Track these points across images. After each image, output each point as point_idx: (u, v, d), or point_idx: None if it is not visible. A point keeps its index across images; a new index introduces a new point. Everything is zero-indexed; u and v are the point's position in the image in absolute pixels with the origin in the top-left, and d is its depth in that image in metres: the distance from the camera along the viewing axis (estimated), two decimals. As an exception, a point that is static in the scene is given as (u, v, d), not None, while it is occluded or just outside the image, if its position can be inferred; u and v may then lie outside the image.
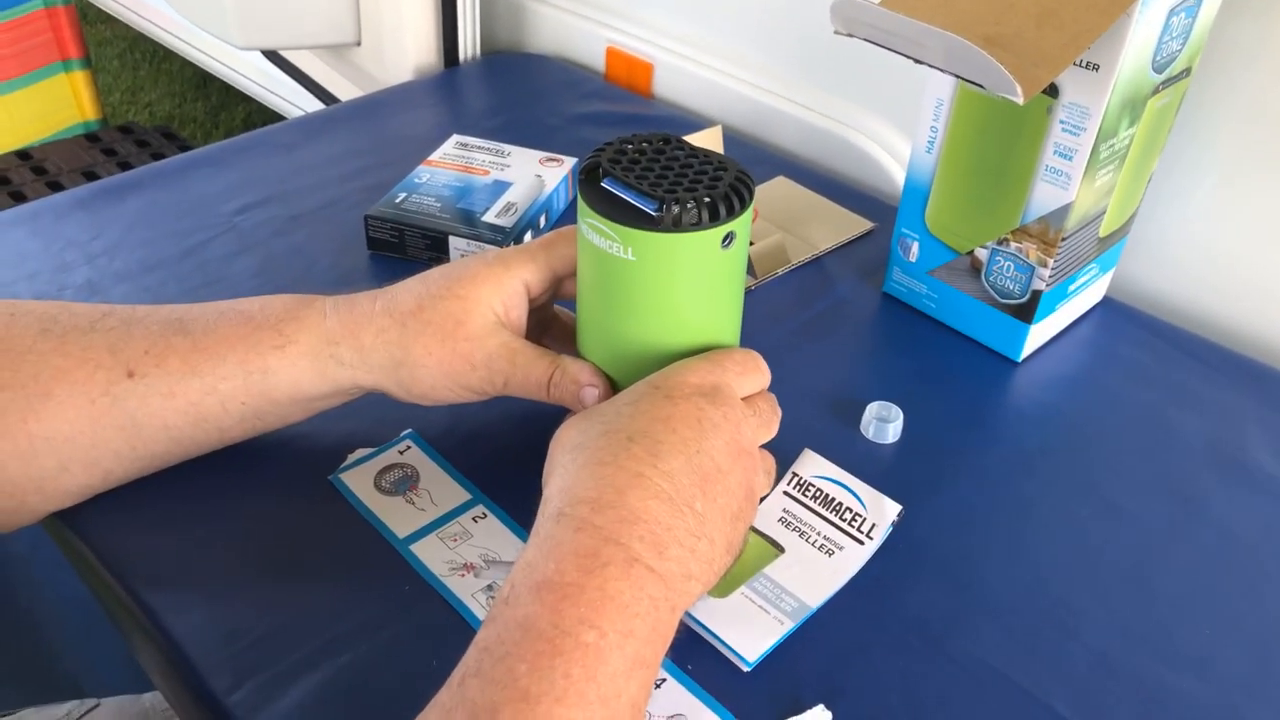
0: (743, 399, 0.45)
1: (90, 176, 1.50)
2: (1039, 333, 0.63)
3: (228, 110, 2.12)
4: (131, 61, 2.31)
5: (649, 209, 0.44)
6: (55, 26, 1.67)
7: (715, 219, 0.44)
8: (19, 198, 1.44)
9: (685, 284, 0.46)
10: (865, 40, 0.50)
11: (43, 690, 0.77)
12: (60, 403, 0.46)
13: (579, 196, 0.46)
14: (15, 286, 0.66)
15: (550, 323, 0.55)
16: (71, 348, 0.47)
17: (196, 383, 0.47)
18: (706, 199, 0.44)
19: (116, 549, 0.49)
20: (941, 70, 0.48)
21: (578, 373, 0.48)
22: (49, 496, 0.48)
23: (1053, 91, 0.54)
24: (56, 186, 1.47)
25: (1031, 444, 0.59)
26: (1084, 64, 0.52)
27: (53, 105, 1.72)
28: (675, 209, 0.44)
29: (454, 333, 0.47)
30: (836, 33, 0.51)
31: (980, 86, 0.48)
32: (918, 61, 0.49)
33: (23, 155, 1.55)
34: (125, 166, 1.53)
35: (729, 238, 0.45)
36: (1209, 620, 0.49)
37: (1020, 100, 0.45)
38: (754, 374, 0.46)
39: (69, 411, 0.46)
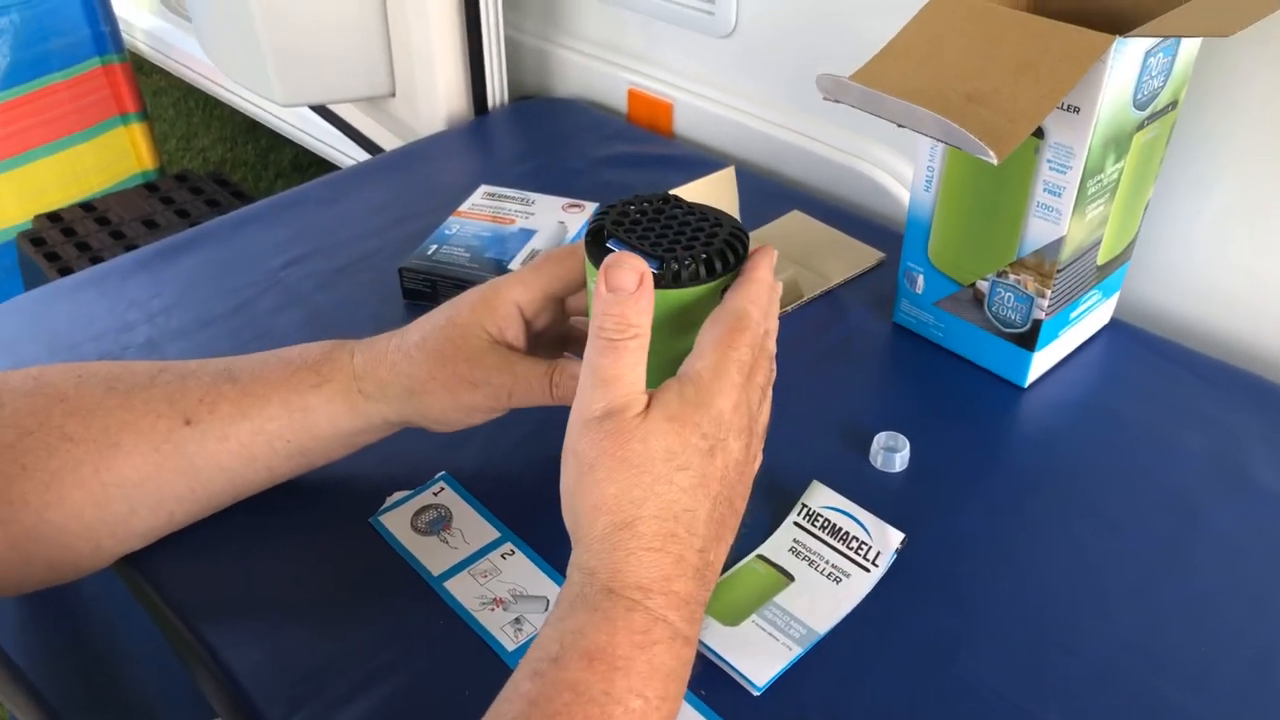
0: (752, 377, 0.46)
1: (150, 224, 1.58)
2: (1043, 359, 0.65)
3: (276, 152, 2.21)
4: (185, 109, 2.41)
5: (651, 267, 0.48)
6: (113, 83, 1.76)
7: (712, 273, 0.48)
8: (84, 248, 1.52)
9: (687, 335, 0.49)
10: (852, 106, 0.53)
11: (114, 718, 0.82)
12: (128, 452, 0.51)
13: (585, 258, 0.50)
14: (84, 347, 0.71)
15: (568, 336, 0.58)
16: (135, 402, 0.52)
17: (246, 425, 0.52)
18: (703, 255, 0.48)
19: (179, 590, 0.54)
20: (922, 134, 0.51)
21: (578, 368, 0.49)
22: (120, 539, 0.53)
23: (1039, 133, 0.57)
24: (118, 235, 1.55)
25: (1036, 467, 0.61)
26: (1065, 107, 0.55)
27: (113, 157, 1.81)
28: (675, 266, 0.47)
29: (453, 356, 0.52)
30: (825, 99, 0.54)
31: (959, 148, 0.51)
32: (901, 125, 0.52)
33: (86, 207, 1.64)
34: (182, 214, 1.61)
35: (726, 290, 0.48)
36: (1209, 636, 0.51)
37: (995, 161, 0.48)
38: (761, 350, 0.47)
39: (135, 459, 0.51)
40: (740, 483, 0.46)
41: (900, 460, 0.60)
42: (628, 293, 0.42)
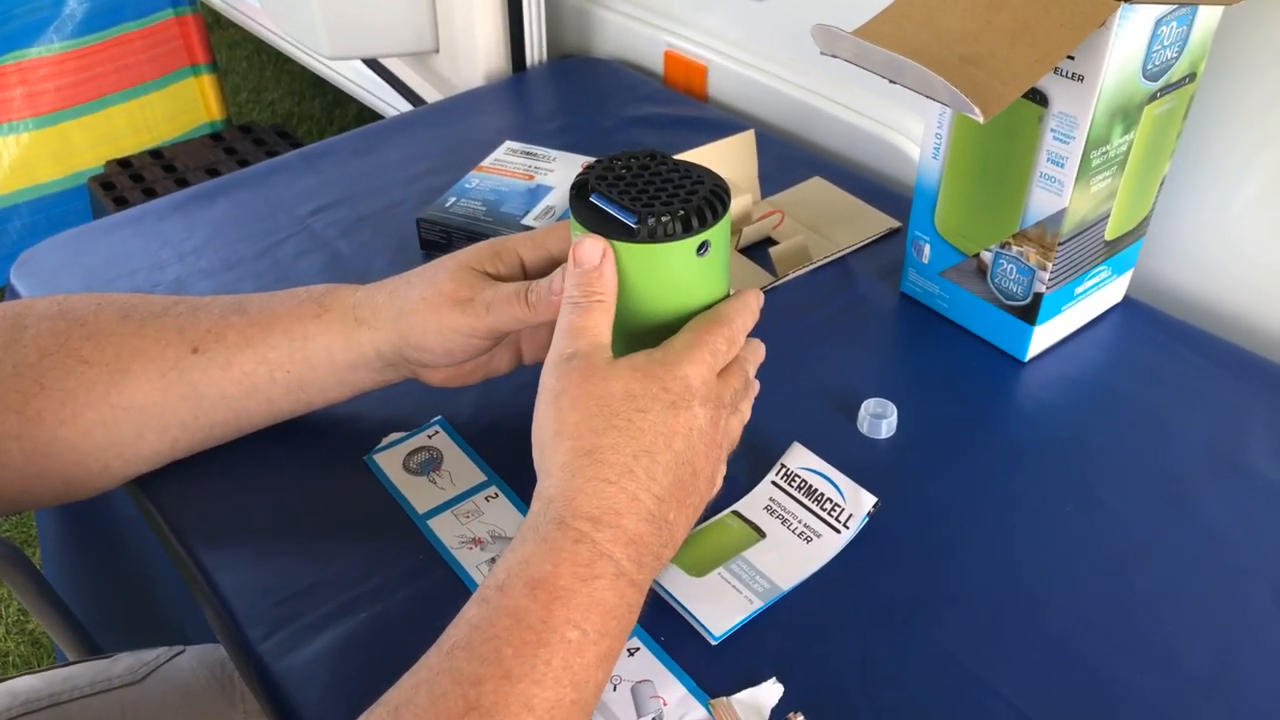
0: (725, 377, 0.49)
1: (213, 173, 1.64)
2: (1045, 334, 0.64)
3: (341, 108, 2.26)
4: (258, 63, 2.47)
5: (629, 222, 0.48)
6: (184, 34, 1.82)
7: (689, 229, 0.48)
8: (150, 193, 1.58)
9: (665, 289, 0.50)
10: (846, 61, 0.53)
11: (148, 635, 0.87)
12: (137, 377, 0.54)
13: (570, 211, 0.51)
14: (116, 282, 0.75)
15: None
16: (147, 330, 0.55)
17: (250, 353, 0.55)
18: (681, 212, 0.48)
19: (180, 513, 0.57)
20: (914, 90, 0.51)
21: (549, 280, 0.51)
22: (128, 461, 0.56)
23: (1043, 101, 0.56)
24: (183, 183, 1.61)
25: (1026, 442, 0.60)
26: (1069, 75, 0.54)
27: (182, 106, 1.87)
28: (652, 221, 0.48)
29: (444, 280, 0.53)
30: (822, 53, 0.54)
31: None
32: (893, 81, 0.52)
33: (155, 154, 1.70)
34: (244, 163, 1.66)
35: (704, 246, 0.49)
36: (1177, 618, 0.51)
37: (981, 119, 0.48)
38: (740, 351, 0.50)
39: (143, 385, 0.54)
40: (705, 457, 0.47)
41: (887, 427, 0.60)
42: (592, 265, 0.47)
